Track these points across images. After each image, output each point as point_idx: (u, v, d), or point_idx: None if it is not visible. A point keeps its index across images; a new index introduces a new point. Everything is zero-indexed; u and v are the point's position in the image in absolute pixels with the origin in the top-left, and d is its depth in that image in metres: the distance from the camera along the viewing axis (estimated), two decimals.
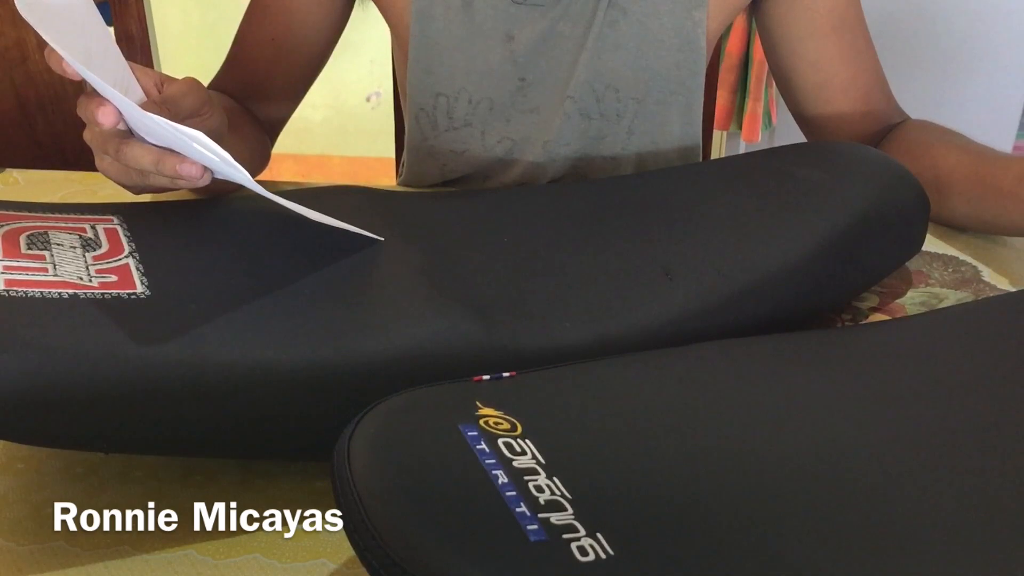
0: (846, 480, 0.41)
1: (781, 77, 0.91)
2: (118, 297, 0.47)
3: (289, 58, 0.90)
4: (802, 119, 0.92)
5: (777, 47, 0.89)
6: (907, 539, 0.37)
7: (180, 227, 0.58)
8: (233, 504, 0.49)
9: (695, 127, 0.90)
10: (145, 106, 0.53)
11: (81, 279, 0.49)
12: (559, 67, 0.85)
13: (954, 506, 0.40)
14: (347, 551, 0.46)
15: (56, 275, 0.49)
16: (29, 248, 0.51)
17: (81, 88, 0.56)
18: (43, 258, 0.50)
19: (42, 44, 1.18)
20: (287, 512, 0.49)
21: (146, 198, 0.72)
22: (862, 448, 0.43)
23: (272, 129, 0.93)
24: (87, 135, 0.58)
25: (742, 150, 2.16)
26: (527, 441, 0.40)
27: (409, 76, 0.87)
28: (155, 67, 1.12)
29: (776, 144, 0.93)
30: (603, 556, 0.34)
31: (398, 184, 1.00)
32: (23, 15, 0.48)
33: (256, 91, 0.90)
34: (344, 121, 2.79)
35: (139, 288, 0.49)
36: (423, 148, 0.91)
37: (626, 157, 0.89)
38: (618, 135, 0.87)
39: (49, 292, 0.47)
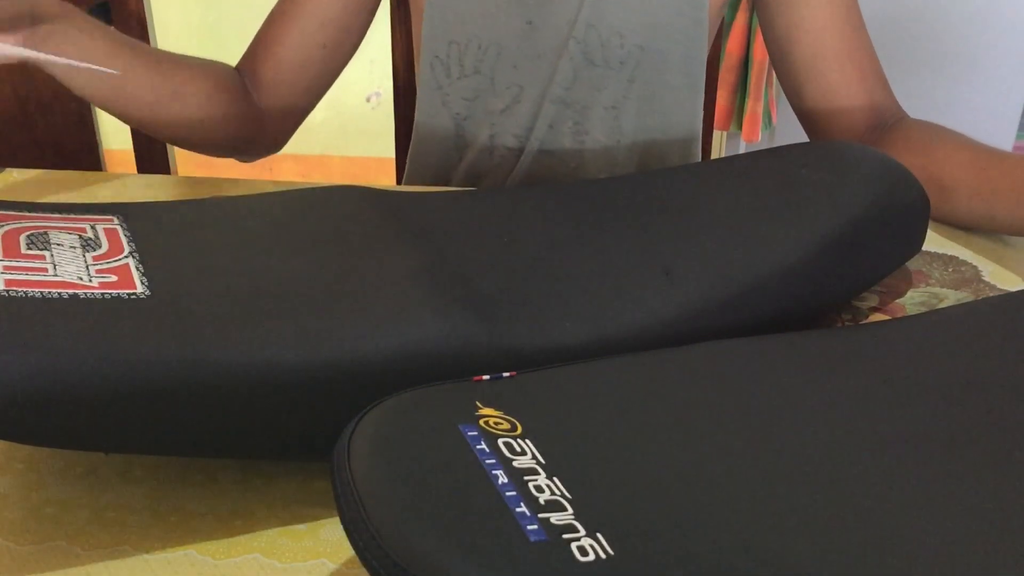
0: (846, 480, 0.41)
1: (779, 55, 0.91)
2: (118, 297, 0.48)
3: (316, 61, 0.91)
4: (801, 109, 0.92)
5: (775, 20, 0.89)
6: (907, 539, 0.37)
7: (180, 227, 0.58)
8: (233, 504, 0.49)
9: (696, 80, 0.91)
10: None
11: (81, 279, 0.49)
12: (565, 9, 0.87)
13: (954, 506, 0.40)
14: (347, 551, 0.46)
15: (56, 275, 0.49)
16: (29, 248, 0.51)
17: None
18: (43, 258, 0.50)
19: None
20: (287, 512, 0.49)
21: (143, 198, 0.72)
22: (862, 448, 0.43)
23: (284, 125, 0.94)
24: None
25: (742, 150, 2.16)
26: (527, 441, 0.40)
27: (425, 24, 0.90)
28: None
29: (776, 144, 0.93)
30: (603, 556, 0.34)
31: (409, 158, 1.02)
32: None
33: (276, 89, 0.91)
34: (344, 121, 2.79)
35: (139, 288, 0.49)
36: (437, 98, 0.93)
37: (626, 108, 0.90)
38: (620, 83, 0.89)
39: (49, 292, 0.47)
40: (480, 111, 0.93)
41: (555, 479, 0.38)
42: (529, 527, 0.35)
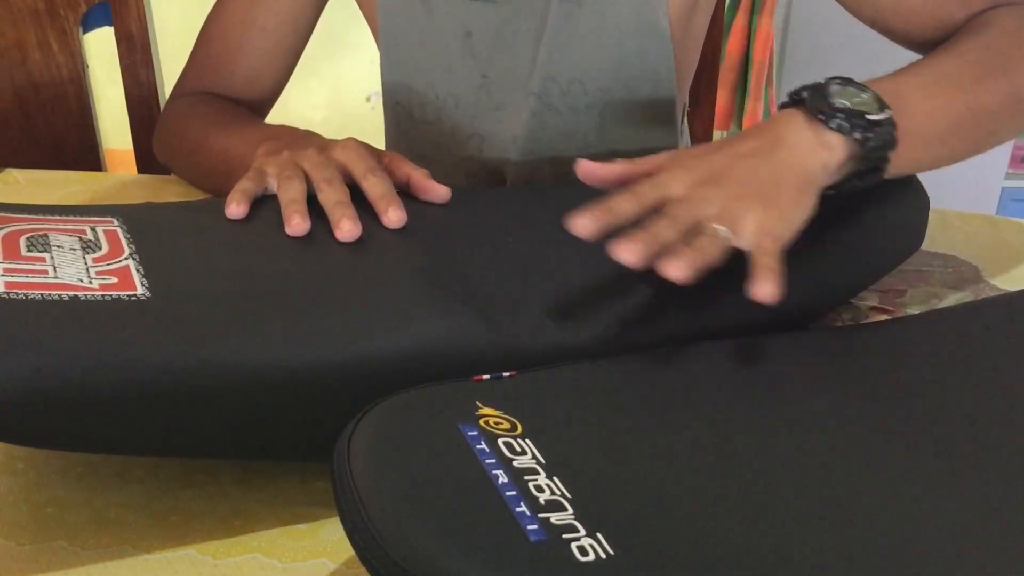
0: (846, 479, 0.41)
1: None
2: (118, 299, 0.48)
3: (285, 60, 0.89)
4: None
5: None
6: (907, 539, 0.37)
7: (180, 228, 0.58)
8: (233, 504, 0.49)
9: (670, 103, 0.88)
10: None
11: (81, 281, 0.49)
12: (519, 63, 0.85)
13: (953, 506, 0.40)
14: (347, 551, 0.46)
15: (56, 277, 0.49)
16: (29, 250, 0.51)
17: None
18: (43, 260, 0.50)
19: (42, 43, 1.18)
20: (287, 512, 0.49)
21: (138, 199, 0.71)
22: (862, 448, 0.43)
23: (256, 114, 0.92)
24: None
25: None
26: (527, 441, 0.40)
27: (382, 71, 0.88)
28: (155, 67, 1.12)
29: None
30: (603, 556, 0.34)
31: None
32: None
33: (222, 77, 0.88)
34: (344, 121, 2.79)
35: (139, 290, 0.49)
36: (402, 143, 0.91)
37: (600, 148, 0.88)
38: (590, 126, 0.86)
39: (49, 294, 0.47)
40: (445, 156, 0.90)
41: (555, 479, 0.38)
42: (529, 527, 0.35)
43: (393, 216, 0.58)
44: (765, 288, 0.49)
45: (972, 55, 0.61)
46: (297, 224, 0.56)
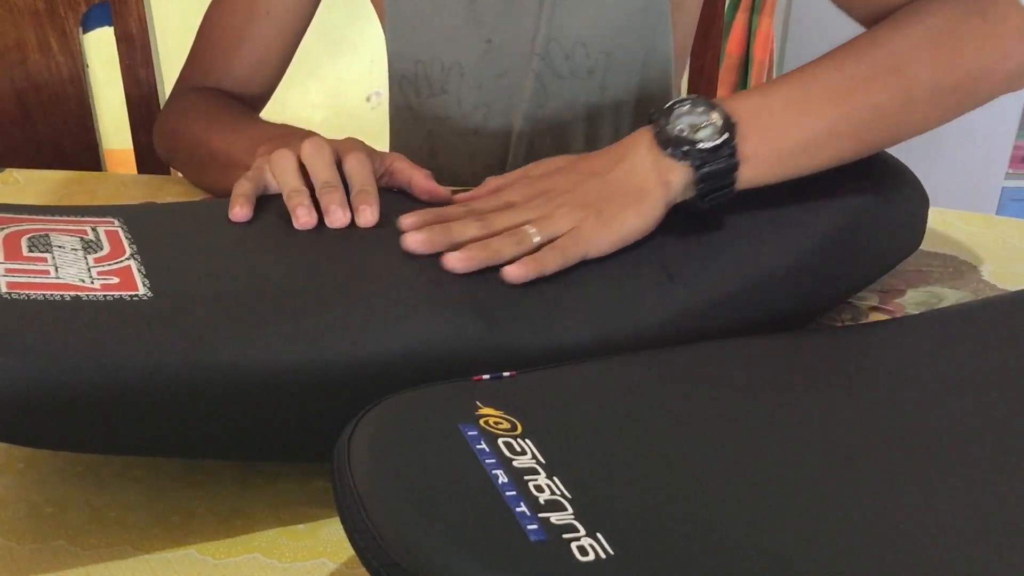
0: (846, 480, 0.41)
1: None
2: (120, 299, 0.48)
3: (260, 23, 0.88)
4: None
5: None
6: (908, 539, 0.38)
7: (181, 228, 0.58)
8: (233, 504, 0.49)
9: (667, 70, 0.89)
10: None
11: (83, 281, 0.49)
12: (523, 26, 0.85)
13: (954, 506, 0.40)
14: (347, 551, 0.46)
15: (58, 277, 0.49)
16: (30, 251, 0.51)
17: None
18: (45, 260, 0.50)
19: (42, 44, 1.18)
20: (287, 512, 0.49)
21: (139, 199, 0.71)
22: (862, 448, 0.43)
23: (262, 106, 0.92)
24: None
25: None
26: (527, 441, 0.40)
27: (388, 43, 0.88)
28: (155, 67, 1.12)
29: None
30: (603, 556, 0.34)
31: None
32: None
33: (226, 65, 0.88)
34: (344, 121, 2.79)
35: (141, 290, 0.49)
36: (408, 116, 0.92)
37: (602, 113, 0.89)
38: (592, 91, 0.87)
39: (51, 294, 0.47)
40: (451, 131, 0.91)
41: (555, 479, 0.38)
42: (529, 527, 0.35)
43: (335, 217, 0.58)
44: (515, 270, 0.53)
45: (866, 54, 0.60)
46: (303, 218, 0.57)
